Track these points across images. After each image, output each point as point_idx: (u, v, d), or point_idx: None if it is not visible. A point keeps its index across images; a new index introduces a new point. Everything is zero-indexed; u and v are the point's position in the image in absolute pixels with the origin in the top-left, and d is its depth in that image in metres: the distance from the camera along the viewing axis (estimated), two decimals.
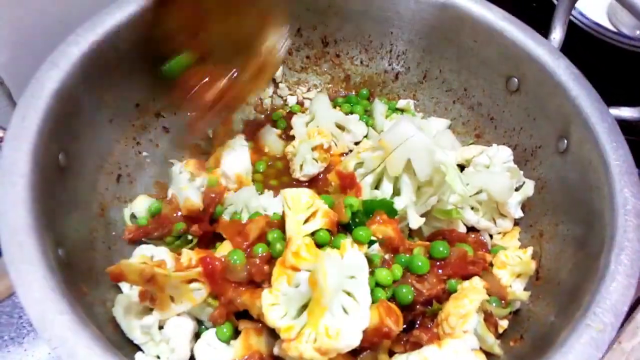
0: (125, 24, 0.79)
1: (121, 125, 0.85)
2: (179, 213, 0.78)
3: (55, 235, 0.64)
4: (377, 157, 0.79)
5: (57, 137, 0.70)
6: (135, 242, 0.79)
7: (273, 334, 0.64)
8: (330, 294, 0.59)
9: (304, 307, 0.61)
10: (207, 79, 0.81)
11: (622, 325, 0.86)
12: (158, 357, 0.65)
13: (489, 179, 0.83)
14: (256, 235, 0.72)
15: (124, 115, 0.85)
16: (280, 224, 0.73)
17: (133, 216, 0.82)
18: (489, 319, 0.72)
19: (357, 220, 0.71)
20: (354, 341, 0.58)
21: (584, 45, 0.88)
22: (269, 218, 0.74)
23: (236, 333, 0.69)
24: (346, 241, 0.65)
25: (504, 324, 0.75)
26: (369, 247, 0.71)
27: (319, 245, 0.67)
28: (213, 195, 0.79)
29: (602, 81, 0.82)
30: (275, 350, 0.65)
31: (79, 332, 0.53)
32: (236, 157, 0.87)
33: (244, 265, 0.67)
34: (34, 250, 0.57)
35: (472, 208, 0.84)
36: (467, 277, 0.74)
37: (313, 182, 0.92)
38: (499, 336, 0.75)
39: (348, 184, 0.80)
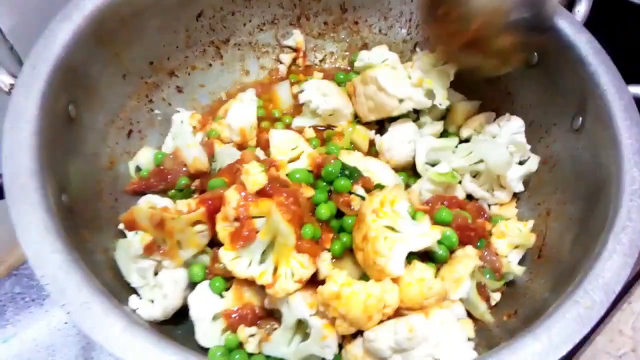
0: None
1: (134, 81, 0.87)
2: (184, 168, 0.80)
3: (59, 181, 0.66)
4: None
5: (67, 88, 0.72)
6: (138, 193, 0.81)
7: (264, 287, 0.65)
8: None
9: (265, 252, 0.64)
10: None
11: (632, 285, 0.86)
12: (152, 302, 0.67)
13: (488, 150, 0.81)
14: None
15: (138, 72, 0.87)
16: None
17: (138, 169, 0.84)
18: (481, 292, 0.72)
19: (346, 172, 0.72)
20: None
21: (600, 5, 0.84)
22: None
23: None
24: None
25: (496, 297, 0.75)
26: None
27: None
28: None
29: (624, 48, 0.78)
30: (266, 303, 0.66)
31: (70, 272, 0.55)
32: (243, 111, 0.87)
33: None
34: (34, 193, 0.59)
35: (474, 176, 0.83)
36: (464, 244, 0.74)
37: None
38: (492, 309, 0.75)
39: None
